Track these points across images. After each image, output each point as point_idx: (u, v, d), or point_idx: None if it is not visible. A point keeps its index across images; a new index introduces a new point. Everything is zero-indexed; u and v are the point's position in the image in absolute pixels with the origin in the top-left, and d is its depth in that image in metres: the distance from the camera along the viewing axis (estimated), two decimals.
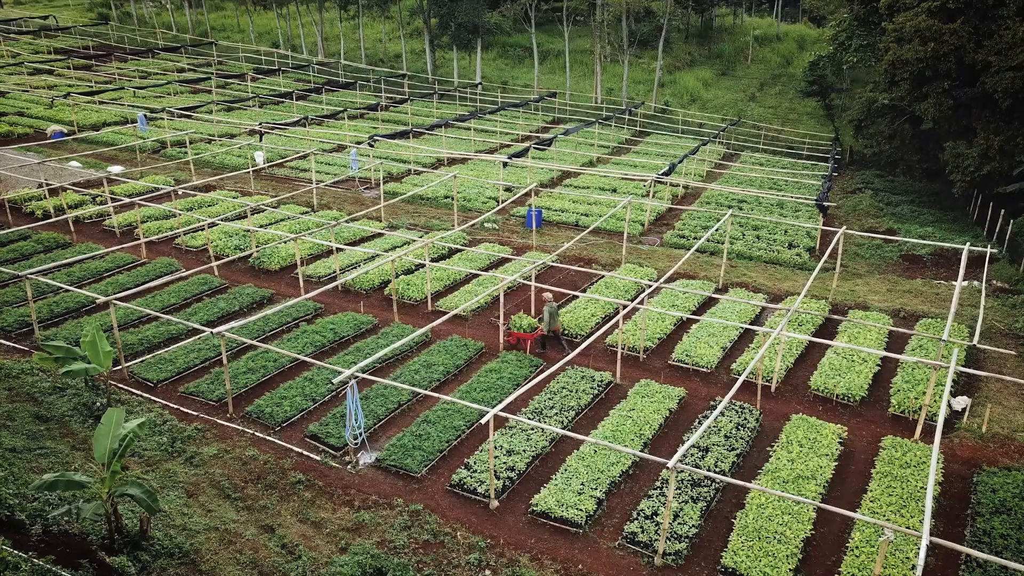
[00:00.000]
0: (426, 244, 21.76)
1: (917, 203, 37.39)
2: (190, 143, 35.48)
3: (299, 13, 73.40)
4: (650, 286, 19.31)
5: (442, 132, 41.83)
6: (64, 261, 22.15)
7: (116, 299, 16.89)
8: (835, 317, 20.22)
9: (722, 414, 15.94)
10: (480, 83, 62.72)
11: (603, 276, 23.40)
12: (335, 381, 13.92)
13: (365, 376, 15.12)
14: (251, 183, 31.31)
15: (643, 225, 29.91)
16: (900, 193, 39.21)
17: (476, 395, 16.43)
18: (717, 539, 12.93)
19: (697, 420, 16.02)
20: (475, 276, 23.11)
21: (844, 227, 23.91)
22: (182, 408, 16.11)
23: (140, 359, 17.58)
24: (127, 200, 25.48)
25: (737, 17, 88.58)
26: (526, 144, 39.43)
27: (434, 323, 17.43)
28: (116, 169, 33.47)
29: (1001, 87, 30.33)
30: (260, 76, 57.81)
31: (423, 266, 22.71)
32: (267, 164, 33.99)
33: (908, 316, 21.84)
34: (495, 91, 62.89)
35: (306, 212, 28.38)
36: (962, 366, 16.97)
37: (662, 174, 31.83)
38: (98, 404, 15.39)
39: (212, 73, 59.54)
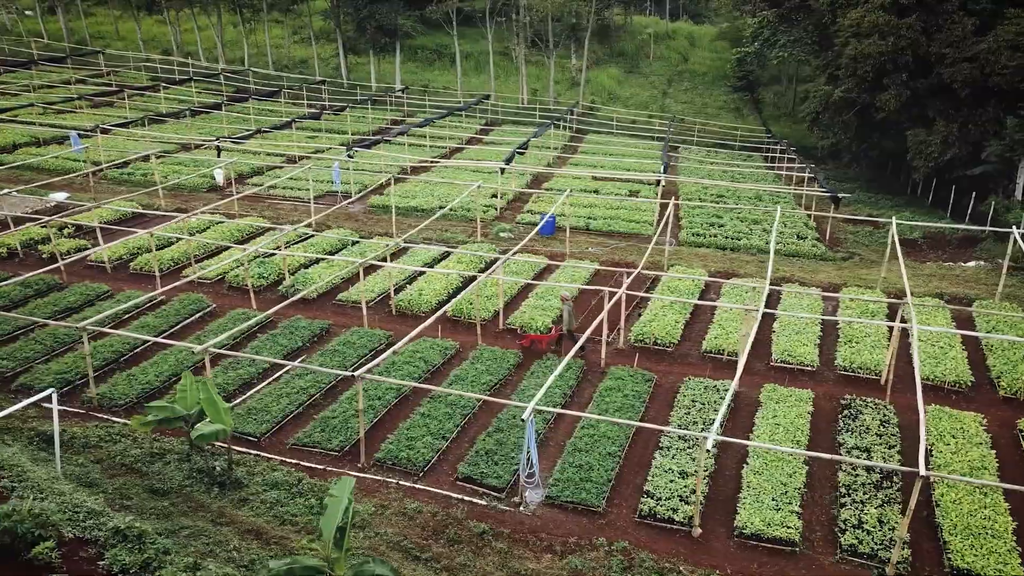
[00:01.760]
0: (501, 261, 20.61)
1: (869, 190, 39.47)
2: (157, 159, 32.14)
3: (193, 16, 68.56)
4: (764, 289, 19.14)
5: (405, 140, 40.17)
6: (116, 310, 19.36)
7: (212, 348, 14.81)
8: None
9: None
10: (406, 88, 60.96)
11: (658, 277, 23.10)
12: (524, 418, 12.72)
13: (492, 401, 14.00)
14: (234, 204, 28.69)
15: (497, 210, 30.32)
16: (847, 181, 41.30)
17: (614, 414, 15.62)
18: (924, 540, 12.83)
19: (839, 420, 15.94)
20: (533, 286, 22.20)
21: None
22: (302, 462, 14.36)
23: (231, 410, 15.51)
24: (97, 229, 22.66)
25: (628, 17, 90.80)
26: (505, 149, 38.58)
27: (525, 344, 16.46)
28: (60, 196, 29.85)
29: (960, 77, 32.37)
30: (170, 87, 53.52)
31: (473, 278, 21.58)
32: (228, 181, 31.41)
33: (954, 299, 22.66)
34: (417, 95, 61.32)
35: (307, 231, 26.31)
36: None
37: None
38: (217, 468, 13.41)
39: (110, 83, 54.64)
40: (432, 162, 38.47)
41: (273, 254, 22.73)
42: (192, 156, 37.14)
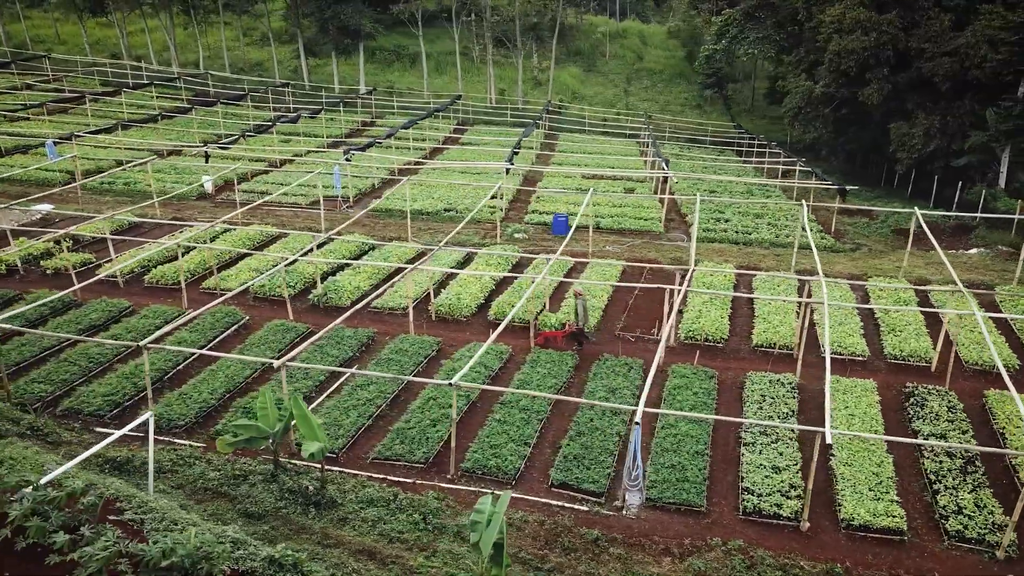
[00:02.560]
0: (548, 261, 20.31)
1: (845, 183, 40.44)
2: (139, 167, 30.74)
3: (144, 18, 65.96)
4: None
5: (392, 141, 39.46)
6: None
7: (287, 362, 14.14)
8: (924, 288, 21.30)
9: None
10: (373, 89, 59.99)
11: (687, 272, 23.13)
12: (637, 421, 12.48)
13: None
14: (237, 211, 27.61)
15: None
16: (825, 175, 42.27)
17: (690, 413, 15.53)
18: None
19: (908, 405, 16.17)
20: (567, 284, 21.98)
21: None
22: (388, 477, 13.85)
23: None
24: (109, 241, 21.55)
25: (579, 16, 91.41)
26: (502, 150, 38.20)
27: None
28: (44, 208, 28.33)
29: (940, 71, 33.46)
30: (131, 92, 51.46)
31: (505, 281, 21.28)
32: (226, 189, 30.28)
33: (970, 285, 23.32)
34: (382, 96, 60.40)
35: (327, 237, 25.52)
36: None
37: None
38: (310, 487, 12.80)
39: (62, 88, 52.20)
40: (418, 163, 37.91)
41: (305, 262, 21.94)
42: (171, 162, 35.69)
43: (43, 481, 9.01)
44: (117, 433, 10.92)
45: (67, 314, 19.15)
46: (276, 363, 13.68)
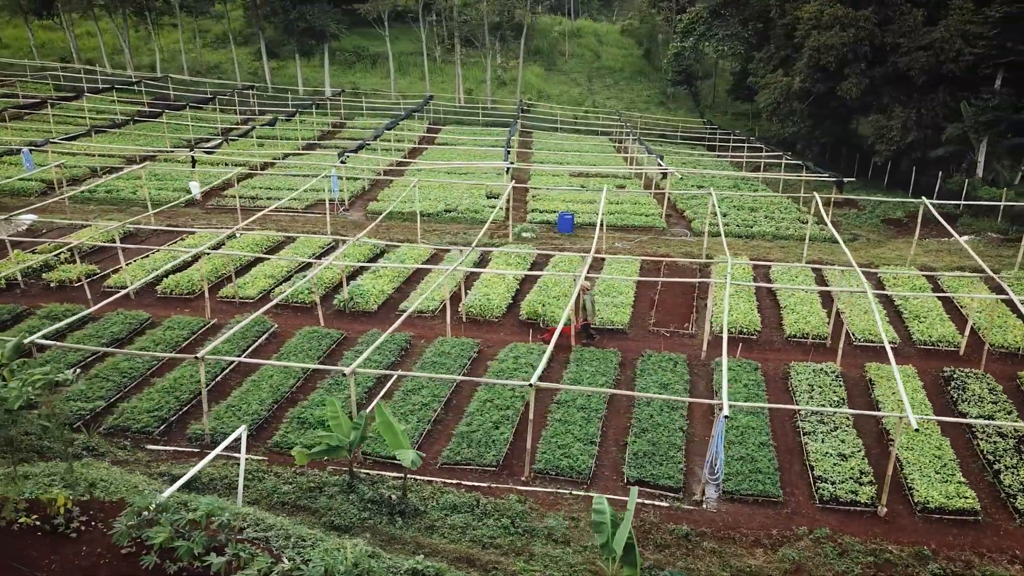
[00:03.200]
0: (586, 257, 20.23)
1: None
2: (143, 177, 29.61)
3: (95, 20, 63.55)
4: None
5: (377, 143, 38.88)
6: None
7: (357, 369, 13.74)
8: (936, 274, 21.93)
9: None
10: (341, 91, 59.10)
11: (706, 266, 23.34)
12: (727, 415, 12.50)
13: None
14: (237, 218, 26.82)
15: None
16: (791, 170, 43.28)
17: (745, 402, 15.66)
18: None
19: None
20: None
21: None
22: (463, 481, 13.60)
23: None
24: (120, 252, 20.73)
25: (533, 16, 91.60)
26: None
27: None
28: (29, 219, 27.07)
29: (917, 65, 34.50)
30: (93, 96, 49.61)
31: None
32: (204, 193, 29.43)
33: (973, 270, 24.06)
34: (349, 98, 59.56)
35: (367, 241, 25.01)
36: None
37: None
38: (392, 496, 12.48)
39: (15, 93, 49.99)
40: (401, 164, 37.47)
41: (331, 267, 21.40)
42: (148, 168, 34.47)
43: (155, 503, 8.59)
44: (215, 452, 10.49)
45: (85, 328, 18.29)
46: (347, 371, 13.29)
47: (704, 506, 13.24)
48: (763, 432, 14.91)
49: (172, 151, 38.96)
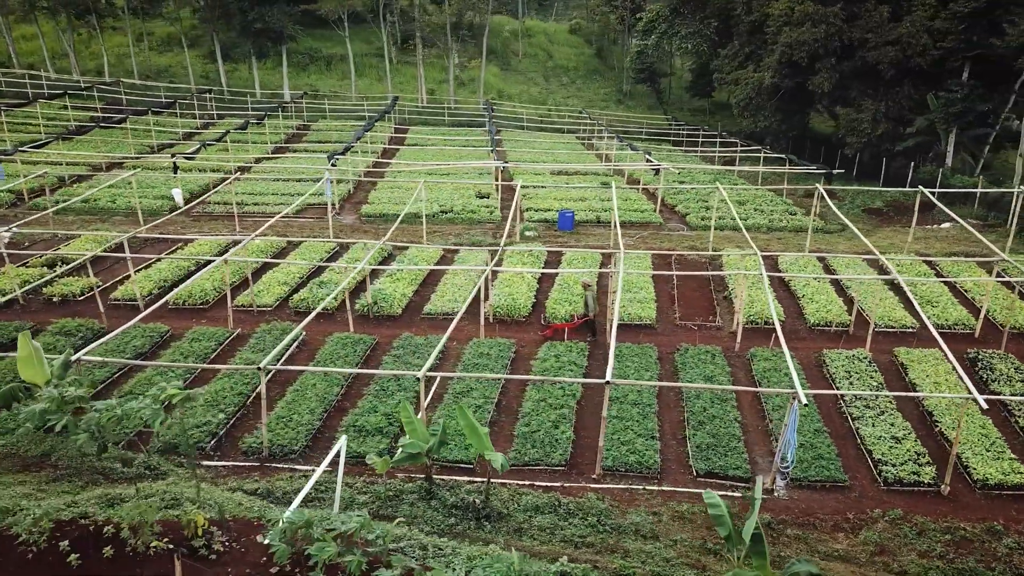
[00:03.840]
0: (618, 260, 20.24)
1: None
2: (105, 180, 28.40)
3: (37, 23, 60.77)
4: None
5: (358, 145, 38.25)
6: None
7: (429, 373, 13.48)
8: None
9: None
10: (304, 93, 58.00)
11: (716, 259, 23.66)
12: (804, 402, 12.70)
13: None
14: (232, 224, 26.01)
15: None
16: (770, 164, 44.37)
17: None
18: None
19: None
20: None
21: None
22: (535, 482, 13.48)
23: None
24: (129, 262, 19.93)
25: (481, 16, 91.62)
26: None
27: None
28: (5, 232, 25.73)
29: (886, 59, 35.70)
30: (47, 101, 47.54)
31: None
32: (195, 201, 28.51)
33: (969, 255, 25.00)
34: (309, 100, 58.51)
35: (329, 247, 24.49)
36: None
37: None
38: (476, 501, 12.30)
39: None
40: (377, 165, 37.00)
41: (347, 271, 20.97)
42: (125, 175, 33.19)
43: (285, 518, 8.28)
44: (320, 468, 10.14)
45: (101, 343, 17.45)
46: (419, 374, 13.03)
47: (776, 494, 13.43)
48: (815, 419, 15.21)
49: (139, 157, 37.64)
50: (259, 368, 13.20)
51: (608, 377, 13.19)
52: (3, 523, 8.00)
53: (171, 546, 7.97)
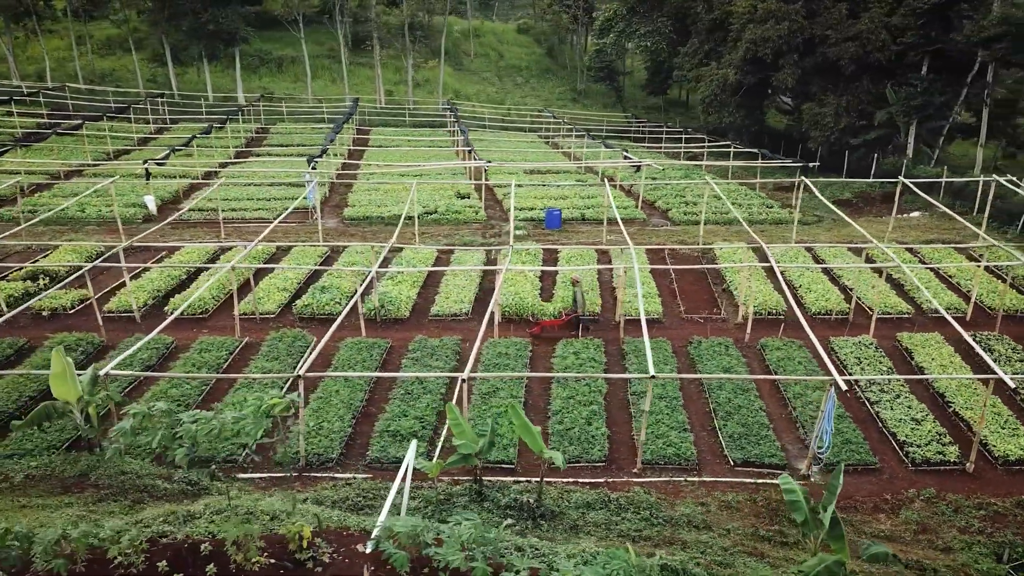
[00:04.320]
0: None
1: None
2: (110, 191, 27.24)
3: None
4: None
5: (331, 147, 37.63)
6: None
7: (471, 375, 13.34)
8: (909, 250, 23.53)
9: None
10: (262, 96, 56.81)
11: (709, 251, 24.03)
12: (843, 388, 13.01)
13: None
14: (212, 230, 25.25)
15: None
16: (741, 158, 45.31)
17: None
18: None
19: None
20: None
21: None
22: (578, 479, 13.52)
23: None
24: (124, 270, 19.28)
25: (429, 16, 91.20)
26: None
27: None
28: None
29: (847, 55, 36.81)
30: None
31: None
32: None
33: (941, 242, 25.95)
34: (268, 103, 57.37)
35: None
36: None
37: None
38: (530, 500, 12.26)
39: None
40: (347, 166, 36.53)
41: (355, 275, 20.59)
42: (87, 182, 32.02)
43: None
44: (401, 472, 9.93)
45: (104, 357, 16.84)
46: (463, 375, 12.92)
47: (811, 479, 13.73)
48: (837, 405, 15.57)
49: (98, 164, 36.34)
50: (297, 376, 12.89)
51: (651, 372, 13.28)
52: (98, 545, 7.63)
53: (272, 560, 7.74)
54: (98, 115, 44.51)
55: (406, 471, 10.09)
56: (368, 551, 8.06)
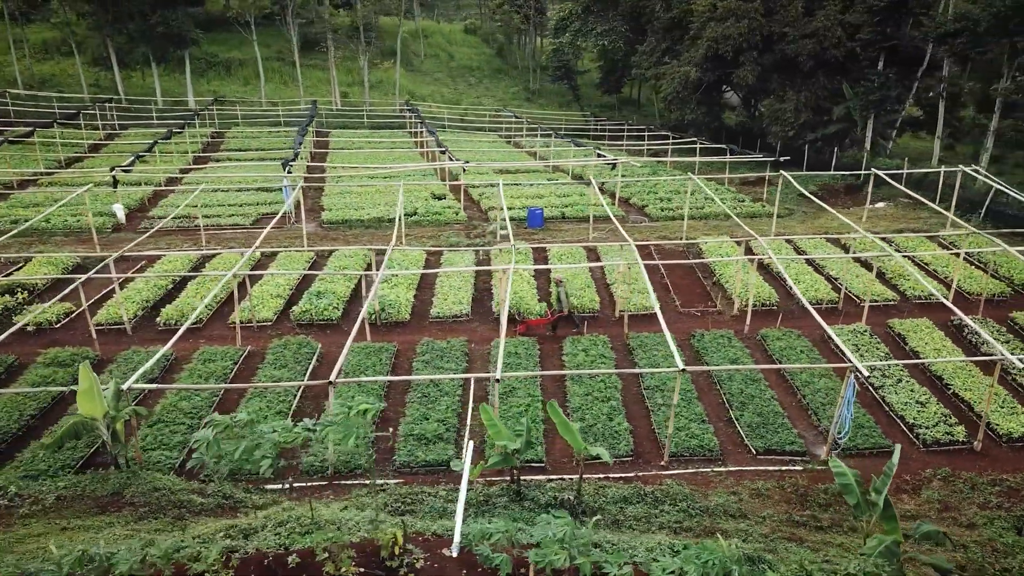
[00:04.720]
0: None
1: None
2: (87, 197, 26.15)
3: None
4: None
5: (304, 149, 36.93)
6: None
7: (506, 375, 13.29)
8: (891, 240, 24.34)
9: None
10: (215, 100, 55.42)
11: (694, 245, 24.39)
12: (866, 375, 13.38)
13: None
14: (188, 238, 24.51)
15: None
16: (691, 153, 46.12)
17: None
18: None
19: None
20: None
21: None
22: (608, 474, 13.63)
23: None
24: (116, 286, 18.66)
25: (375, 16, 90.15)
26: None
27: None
28: None
29: (805, 52, 37.84)
30: None
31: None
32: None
33: (913, 231, 26.92)
34: (222, 106, 56.05)
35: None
36: None
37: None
38: (570, 497, 12.30)
39: None
40: (311, 170, 36.01)
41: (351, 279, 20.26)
42: (47, 192, 30.84)
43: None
44: (465, 475, 9.83)
45: (103, 372, 16.26)
46: (497, 375, 12.89)
47: (831, 465, 14.07)
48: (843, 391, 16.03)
49: (51, 173, 34.96)
50: (330, 383, 12.67)
51: (680, 365, 13.46)
52: (183, 563, 7.39)
53: (361, 570, 7.62)
54: (48, 122, 42.74)
55: (463, 474, 10.03)
56: (455, 555, 8.00)
